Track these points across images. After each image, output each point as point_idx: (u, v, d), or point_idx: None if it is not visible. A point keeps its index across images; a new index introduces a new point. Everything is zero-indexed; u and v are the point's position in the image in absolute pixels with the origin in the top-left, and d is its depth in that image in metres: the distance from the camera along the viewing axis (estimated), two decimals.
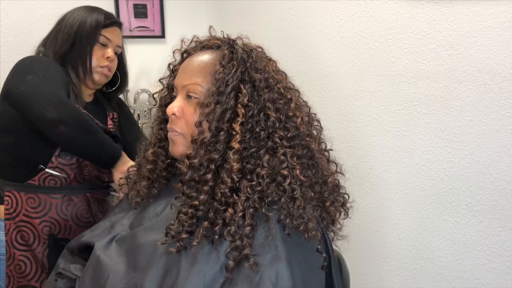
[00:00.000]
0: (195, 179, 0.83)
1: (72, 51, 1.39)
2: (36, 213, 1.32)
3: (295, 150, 0.85)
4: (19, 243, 1.31)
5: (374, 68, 1.71)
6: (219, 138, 0.83)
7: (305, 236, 0.81)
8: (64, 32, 1.41)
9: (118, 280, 0.83)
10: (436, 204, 1.57)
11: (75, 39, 1.39)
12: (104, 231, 0.98)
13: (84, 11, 1.43)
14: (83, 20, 1.39)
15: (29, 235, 1.31)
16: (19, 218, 1.31)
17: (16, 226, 1.30)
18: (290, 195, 0.82)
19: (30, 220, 1.31)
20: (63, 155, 1.32)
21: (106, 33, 1.42)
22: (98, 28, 1.40)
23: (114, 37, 1.44)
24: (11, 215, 1.31)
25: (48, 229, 1.32)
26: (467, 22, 1.40)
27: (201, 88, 0.87)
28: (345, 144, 1.86)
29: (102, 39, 1.41)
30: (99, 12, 1.43)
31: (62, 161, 1.32)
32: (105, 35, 1.41)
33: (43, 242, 1.32)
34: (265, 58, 0.92)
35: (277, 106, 0.86)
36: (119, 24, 1.47)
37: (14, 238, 1.31)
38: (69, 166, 1.33)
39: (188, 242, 0.80)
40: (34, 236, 1.31)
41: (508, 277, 1.41)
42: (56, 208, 1.33)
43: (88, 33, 1.39)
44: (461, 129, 1.47)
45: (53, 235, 1.33)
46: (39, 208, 1.32)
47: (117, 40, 1.45)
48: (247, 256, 0.76)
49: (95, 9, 1.44)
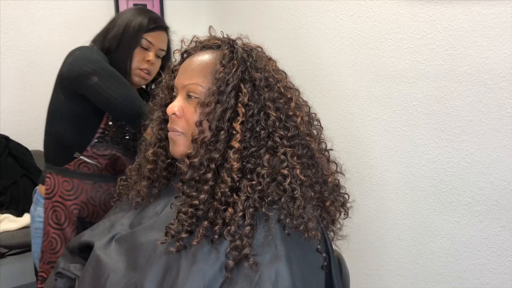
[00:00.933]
0: (195, 178, 0.83)
1: (116, 51, 1.41)
2: (69, 196, 1.43)
3: (295, 149, 0.85)
4: (54, 221, 1.42)
5: (374, 68, 1.71)
6: (219, 138, 0.83)
7: (305, 236, 0.81)
8: (111, 33, 1.43)
9: (118, 280, 0.83)
10: (436, 204, 1.57)
11: (120, 40, 1.41)
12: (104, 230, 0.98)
13: (132, 14, 1.44)
14: (129, 22, 1.41)
15: (61, 215, 1.42)
16: (55, 199, 1.43)
17: (53, 205, 1.42)
18: (290, 195, 0.81)
19: (64, 202, 1.42)
20: (97, 146, 1.41)
21: (149, 37, 1.42)
22: (140, 31, 1.41)
23: (157, 41, 1.43)
24: (49, 195, 1.43)
25: (77, 212, 1.43)
26: (467, 22, 1.40)
27: (201, 88, 0.87)
28: (345, 144, 1.86)
29: (144, 42, 1.42)
30: (145, 15, 1.43)
31: (96, 151, 1.41)
32: (148, 39, 1.42)
33: (72, 223, 1.42)
34: (265, 58, 0.92)
35: (277, 105, 0.86)
36: (165, 28, 1.47)
37: (50, 217, 1.42)
38: (102, 156, 1.42)
39: (188, 241, 0.80)
40: (65, 216, 1.42)
41: (508, 277, 1.41)
42: (86, 193, 1.43)
43: (130, 36, 1.40)
44: (461, 129, 1.47)
45: (81, 218, 1.43)
46: (72, 191, 1.43)
47: (160, 44, 1.45)
48: (247, 256, 0.76)
49: (143, 12, 1.46)
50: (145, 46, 1.41)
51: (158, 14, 1.49)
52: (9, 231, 2.03)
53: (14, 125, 2.35)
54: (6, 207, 2.14)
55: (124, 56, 1.41)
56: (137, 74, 1.43)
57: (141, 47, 1.41)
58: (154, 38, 1.42)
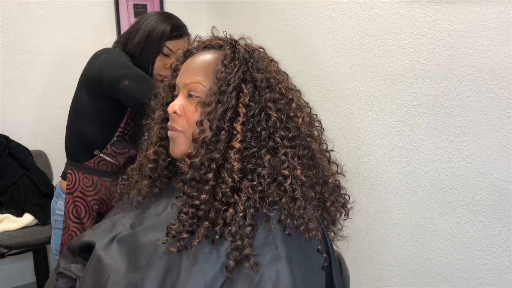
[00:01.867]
0: (196, 178, 0.83)
1: (139, 56, 1.44)
2: (89, 192, 1.47)
3: (296, 150, 0.85)
4: (74, 216, 1.47)
5: (374, 68, 1.71)
6: (220, 138, 0.83)
7: (306, 236, 0.81)
8: (135, 38, 1.46)
9: (119, 280, 0.83)
10: (436, 204, 1.57)
11: (143, 47, 1.44)
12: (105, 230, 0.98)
13: (156, 19, 1.46)
14: (152, 29, 1.44)
15: (81, 210, 1.47)
16: (76, 194, 1.47)
17: (74, 200, 1.47)
18: (291, 195, 0.81)
19: (84, 197, 1.47)
20: (117, 144, 1.45)
21: (170, 45, 1.44)
22: (162, 39, 1.43)
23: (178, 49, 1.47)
24: (70, 190, 1.48)
25: (97, 207, 1.48)
26: (467, 22, 1.41)
27: (203, 87, 0.87)
28: (345, 144, 1.86)
29: (166, 50, 1.44)
30: (168, 22, 1.45)
31: (115, 150, 1.46)
32: (169, 47, 1.44)
33: (92, 218, 1.48)
34: (267, 59, 0.92)
35: (278, 106, 0.86)
36: (187, 35, 1.49)
37: (71, 211, 1.47)
38: (121, 155, 1.47)
39: (188, 241, 0.80)
40: (86, 211, 1.47)
41: (508, 277, 1.41)
42: (105, 189, 1.48)
43: (153, 44, 1.43)
44: (461, 129, 1.47)
45: (101, 213, 1.49)
46: (92, 188, 1.47)
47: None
48: (248, 256, 0.76)
49: (167, 18, 1.47)
50: (166, 53, 1.44)
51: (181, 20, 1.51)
52: (9, 231, 2.03)
53: (14, 125, 2.35)
54: (6, 207, 2.14)
55: (146, 62, 1.44)
56: (157, 80, 1.46)
57: (162, 54, 1.44)
58: (175, 46, 1.44)
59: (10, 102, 2.33)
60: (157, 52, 1.44)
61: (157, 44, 1.43)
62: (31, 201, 2.17)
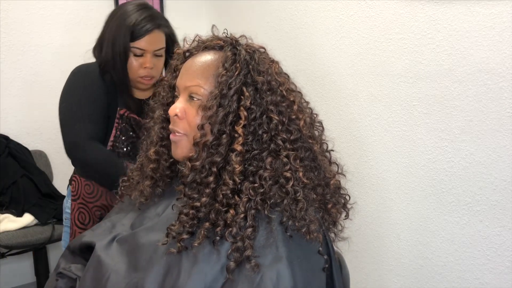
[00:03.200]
0: (197, 181, 0.83)
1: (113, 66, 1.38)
2: (90, 198, 1.47)
3: (298, 152, 0.85)
4: (79, 221, 1.47)
5: (374, 68, 1.71)
6: (221, 141, 0.83)
7: (307, 238, 0.81)
8: (103, 48, 1.40)
9: (119, 280, 0.83)
10: (436, 204, 1.57)
11: (112, 57, 1.37)
12: (105, 231, 0.98)
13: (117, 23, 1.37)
14: (116, 36, 1.36)
15: (85, 216, 1.47)
16: (80, 201, 1.48)
17: (78, 207, 1.47)
18: (293, 197, 0.81)
19: (87, 204, 1.47)
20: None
21: (139, 44, 1.35)
22: (127, 44, 1.34)
23: (149, 45, 1.36)
24: (75, 196, 1.48)
25: (99, 213, 1.48)
26: (467, 22, 1.41)
27: (204, 90, 0.87)
28: (345, 144, 1.86)
29: (136, 51, 1.35)
30: (129, 21, 1.34)
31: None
32: (138, 47, 1.35)
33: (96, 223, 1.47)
34: (268, 60, 0.91)
35: (279, 109, 0.85)
36: (156, 26, 1.36)
37: (76, 217, 1.47)
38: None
39: (189, 242, 0.80)
40: (89, 217, 1.47)
41: (508, 277, 1.41)
42: (105, 195, 1.47)
43: (120, 51, 1.36)
44: (461, 129, 1.47)
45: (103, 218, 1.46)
46: (93, 194, 1.47)
47: (154, 45, 1.37)
48: (249, 258, 0.76)
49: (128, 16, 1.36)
50: (138, 54, 1.36)
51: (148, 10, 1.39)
52: (9, 231, 2.03)
53: (14, 125, 2.35)
54: (6, 207, 2.14)
55: (120, 71, 1.38)
56: (139, 81, 1.41)
57: (134, 55, 1.36)
58: (145, 42, 1.36)
59: (10, 102, 2.33)
60: (125, 58, 1.36)
61: (124, 50, 1.35)
62: (31, 201, 2.17)
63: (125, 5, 1.41)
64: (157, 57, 1.40)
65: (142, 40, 1.35)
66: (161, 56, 1.41)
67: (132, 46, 1.35)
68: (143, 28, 1.35)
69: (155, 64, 1.40)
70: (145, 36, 1.35)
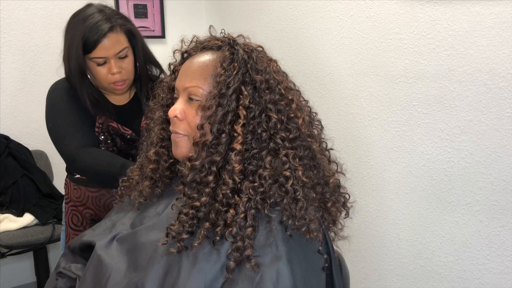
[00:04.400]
0: (196, 180, 0.83)
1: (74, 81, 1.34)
2: (79, 202, 1.48)
3: (297, 151, 0.85)
4: (73, 223, 1.49)
5: (374, 68, 1.71)
6: (220, 140, 0.83)
7: (307, 237, 0.81)
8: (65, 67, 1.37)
9: (119, 280, 0.83)
10: (436, 204, 1.57)
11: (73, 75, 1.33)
12: (105, 230, 0.98)
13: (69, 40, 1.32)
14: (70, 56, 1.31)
15: (78, 218, 1.48)
16: (71, 204, 1.49)
17: (71, 210, 1.48)
18: (293, 196, 0.81)
19: (77, 207, 1.49)
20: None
21: (97, 54, 1.28)
22: (82, 60, 1.28)
23: (107, 51, 1.28)
24: (67, 200, 1.50)
25: (89, 215, 1.49)
26: (467, 22, 1.41)
27: (202, 91, 0.87)
28: (345, 144, 1.86)
29: (97, 60, 1.29)
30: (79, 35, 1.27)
31: None
32: (97, 56, 1.28)
33: (89, 225, 1.48)
34: (266, 59, 0.92)
35: (278, 108, 0.86)
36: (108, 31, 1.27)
37: (70, 220, 1.49)
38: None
39: (188, 242, 0.80)
40: (82, 219, 1.48)
41: (508, 277, 1.41)
42: (92, 200, 1.47)
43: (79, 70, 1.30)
44: (461, 129, 1.47)
45: (95, 220, 1.47)
46: (80, 198, 1.47)
47: (113, 49, 1.29)
48: (249, 257, 0.76)
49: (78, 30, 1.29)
50: (101, 63, 1.30)
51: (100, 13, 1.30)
52: (9, 231, 2.03)
53: (14, 125, 2.35)
54: (6, 207, 2.14)
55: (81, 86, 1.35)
56: (112, 88, 1.36)
57: (98, 65, 1.30)
58: (102, 50, 1.28)
59: (10, 102, 2.33)
60: (84, 73, 1.32)
61: (82, 66, 1.30)
62: (31, 201, 2.17)
63: (77, 14, 1.35)
64: (121, 59, 1.32)
65: (99, 48, 1.28)
66: (126, 56, 1.33)
67: (92, 57, 1.29)
68: (95, 35, 1.27)
69: (122, 67, 1.33)
70: (100, 43, 1.27)
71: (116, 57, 1.31)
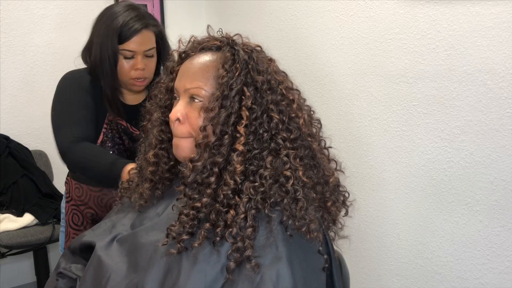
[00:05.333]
0: (198, 181, 0.83)
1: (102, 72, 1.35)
2: (81, 201, 1.47)
3: (298, 151, 0.85)
4: (73, 223, 1.49)
5: (374, 68, 1.71)
6: (223, 142, 0.83)
7: (307, 237, 0.81)
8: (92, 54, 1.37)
9: (120, 281, 0.83)
10: (436, 204, 1.57)
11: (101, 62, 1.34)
12: (105, 231, 0.98)
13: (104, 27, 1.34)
14: (104, 41, 1.32)
15: (79, 218, 1.48)
16: (72, 203, 1.48)
17: (72, 209, 1.48)
18: (293, 196, 0.81)
19: (78, 206, 1.48)
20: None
21: (128, 46, 1.32)
22: (115, 48, 1.31)
23: (138, 46, 1.33)
24: (68, 199, 1.49)
25: (90, 215, 1.48)
26: (467, 22, 1.41)
27: (205, 92, 0.86)
28: (345, 144, 1.86)
29: (126, 53, 1.32)
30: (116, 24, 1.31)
31: None
32: (127, 49, 1.32)
33: (88, 225, 1.48)
34: (266, 59, 0.91)
35: (280, 108, 0.85)
36: (143, 27, 1.33)
37: (70, 219, 1.49)
38: None
39: (189, 243, 0.80)
40: (82, 219, 1.48)
41: (507, 277, 1.41)
42: (94, 199, 1.47)
43: (109, 54, 1.32)
44: (461, 129, 1.47)
45: (96, 220, 1.47)
46: (82, 197, 1.47)
47: (143, 46, 1.34)
48: (249, 258, 0.76)
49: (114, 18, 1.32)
50: (128, 56, 1.33)
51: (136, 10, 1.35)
52: (9, 231, 2.03)
53: (14, 125, 2.35)
54: (6, 207, 2.14)
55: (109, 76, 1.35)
56: (131, 84, 1.38)
57: (125, 58, 1.33)
58: (134, 44, 1.32)
59: (10, 102, 2.33)
60: (115, 62, 1.33)
61: (113, 54, 1.32)
62: (32, 201, 2.17)
63: (112, 7, 1.38)
64: (147, 58, 1.37)
65: (131, 41, 1.32)
66: (152, 56, 1.38)
67: (122, 49, 1.32)
68: (131, 29, 1.32)
69: (146, 65, 1.36)
70: (134, 37, 1.32)
71: (144, 54, 1.35)
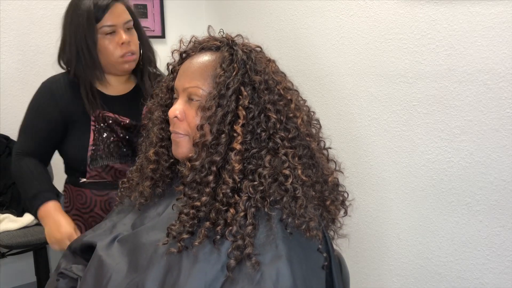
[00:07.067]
0: (196, 180, 0.84)
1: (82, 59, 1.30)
2: (84, 209, 1.40)
3: (296, 150, 0.86)
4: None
5: (374, 68, 1.71)
6: (220, 140, 0.83)
7: (307, 236, 0.81)
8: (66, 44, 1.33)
9: (120, 281, 0.83)
10: (436, 204, 1.57)
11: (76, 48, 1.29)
12: (106, 231, 0.98)
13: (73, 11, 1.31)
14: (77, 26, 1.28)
15: (81, 227, 1.42)
16: (73, 212, 1.42)
17: (73, 219, 1.37)
18: (292, 195, 0.82)
19: (81, 215, 1.42)
20: (94, 164, 1.37)
21: (106, 22, 1.26)
22: (92, 25, 1.25)
23: (117, 18, 1.27)
24: (67, 208, 1.43)
25: (95, 223, 1.40)
26: (467, 22, 1.41)
27: (202, 91, 0.87)
28: (345, 144, 1.86)
29: (105, 29, 1.26)
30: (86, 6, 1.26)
31: (95, 169, 1.38)
32: (106, 24, 1.26)
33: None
34: (265, 59, 0.92)
35: (277, 108, 0.86)
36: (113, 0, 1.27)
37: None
38: (103, 171, 1.39)
39: (189, 242, 0.80)
40: (86, 228, 1.41)
41: (507, 277, 1.42)
42: (100, 204, 1.41)
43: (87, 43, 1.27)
44: (461, 129, 1.47)
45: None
46: (86, 204, 1.41)
47: (121, 18, 1.28)
48: (249, 256, 0.77)
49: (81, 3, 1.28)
50: (109, 31, 1.27)
51: None
52: (9, 231, 2.03)
53: (14, 125, 2.33)
54: (6, 207, 2.14)
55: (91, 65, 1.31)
56: (122, 63, 1.32)
57: (106, 35, 1.27)
58: (111, 17, 1.27)
59: (10, 102, 2.33)
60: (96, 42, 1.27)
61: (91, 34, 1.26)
62: None
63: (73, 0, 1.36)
64: (129, 31, 1.32)
65: (107, 16, 1.27)
66: (132, 29, 1.33)
67: (100, 27, 1.27)
68: (103, 4, 1.26)
69: (130, 38, 1.31)
70: (108, 10, 1.27)
71: (125, 27, 1.30)
